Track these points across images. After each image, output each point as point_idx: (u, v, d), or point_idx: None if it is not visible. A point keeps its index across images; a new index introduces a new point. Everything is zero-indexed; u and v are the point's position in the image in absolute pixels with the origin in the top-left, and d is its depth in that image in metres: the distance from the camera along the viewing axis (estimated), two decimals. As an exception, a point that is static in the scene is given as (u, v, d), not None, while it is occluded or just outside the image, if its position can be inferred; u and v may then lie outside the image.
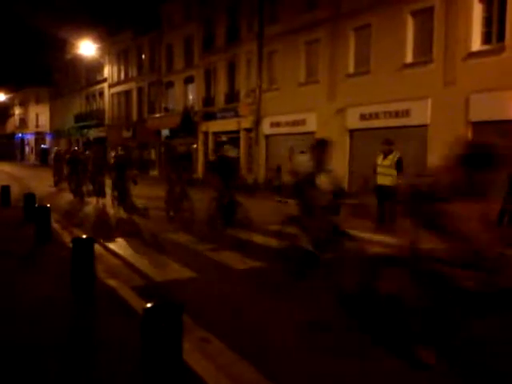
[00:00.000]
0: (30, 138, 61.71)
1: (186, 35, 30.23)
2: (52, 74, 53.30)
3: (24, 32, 50.64)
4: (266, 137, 23.93)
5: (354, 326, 4.56)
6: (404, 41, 16.87)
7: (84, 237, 5.66)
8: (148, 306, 3.27)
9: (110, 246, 8.33)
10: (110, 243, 8.50)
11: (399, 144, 11.36)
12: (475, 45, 14.85)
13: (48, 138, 57.71)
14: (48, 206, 8.52)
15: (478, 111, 14.50)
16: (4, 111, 65.30)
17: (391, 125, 16.87)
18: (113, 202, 12.63)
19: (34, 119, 59.62)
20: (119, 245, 8.49)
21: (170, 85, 32.46)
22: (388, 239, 7.81)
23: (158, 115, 33.32)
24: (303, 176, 6.20)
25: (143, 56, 35.60)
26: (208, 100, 28.64)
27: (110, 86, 40.94)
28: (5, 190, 13.56)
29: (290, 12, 21.77)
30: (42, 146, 57.25)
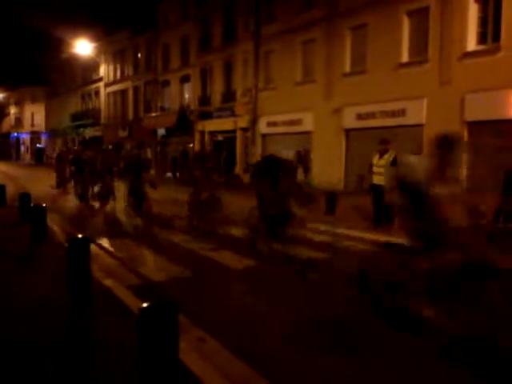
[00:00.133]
0: (25, 138, 61.45)
1: (182, 35, 30.21)
2: (48, 73, 53.08)
3: (20, 31, 50.49)
4: (263, 136, 23.94)
5: (353, 325, 4.58)
6: (400, 40, 16.92)
7: (80, 236, 5.63)
8: (144, 305, 3.26)
9: (106, 245, 8.31)
10: (106, 243, 8.48)
11: (395, 144, 11.38)
12: (470, 45, 14.91)
13: (44, 138, 57.52)
14: (44, 205, 8.49)
15: (473, 111, 14.56)
16: (-1, 110, 65.11)
17: (387, 124, 16.92)
18: (127, 208, 11.11)
19: (30, 118, 59.38)
20: (115, 244, 8.47)
21: (166, 84, 32.43)
22: (384, 238, 7.83)
23: (154, 114, 33.28)
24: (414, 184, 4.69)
25: (139, 55, 35.56)
26: (204, 99, 28.63)
27: (106, 85, 40.86)
28: (0, 189, 13.49)
29: (287, 11, 21.79)
30: (38, 145, 57.06)
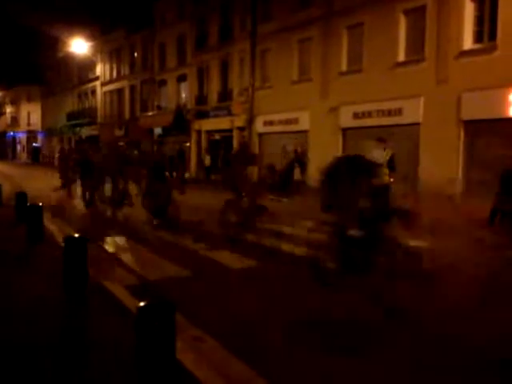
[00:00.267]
0: (21, 137, 61.31)
1: (178, 33, 30.15)
2: (44, 72, 52.96)
3: (15, 30, 50.29)
4: (259, 135, 23.93)
5: (353, 325, 4.58)
6: (396, 39, 16.93)
7: (76, 236, 5.60)
8: (141, 304, 3.25)
9: (103, 244, 8.29)
10: (103, 242, 8.47)
11: (392, 142, 11.39)
12: (467, 43, 14.94)
13: (40, 137, 57.38)
14: (40, 204, 8.45)
15: (469, 110, 14.59)
16: (-5, 109, 64.91)
17: (384, 123, 16.94)
18: (147, 216, 9.95)
19: (26, 117, 59.26)
20: (112, 244, 8.46)
21: (163, 83, 32.37)
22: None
23: (150, 113, 33.22)
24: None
25: (136, 54, 35.47)
26: (201, 98, 28.59)
27: (103, 84, 40.76)
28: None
29: (283, 10, 21.78)
30: (34, 144, 56.95)
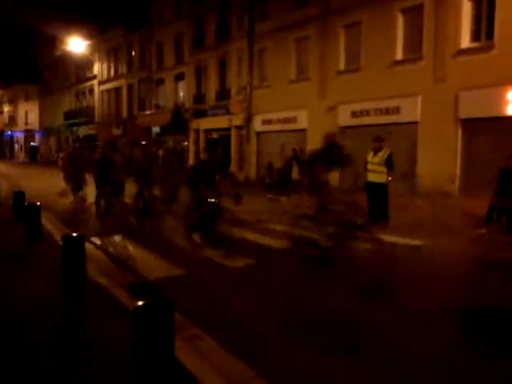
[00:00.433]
0: (19, 136, 61.15)
1: (176, 32, 30.11)
2: (41, 71, 52.86)
3: (12, 29, 50.09)
4: (257, 134, 23.92)
5: (353, 325, 4.59)
6: (394, 38, 16.93)
7: (74, 235, 5.58)
8: (139, 303, 3.25)
9: (101, 244, 8.28)
10: (101, 241, 8.45)
11: (389, 141, 11.41)
12: (464, 42, 14.95)
13: (37, 136, 57.26)
14: (38, 203, 8.43)
15: (467, 108, 14.61)
16: (-7, 109, 64.69)
17: (382, 122, 16.96)
18: (187, 230, 8.34)
19: (24, 117, 59.07)
20: (110, 243, 8.44)
21: (161, 82, 32.33)
22: (379, 236, 7.83)
23: (148, 112, 33.17)
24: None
25: (133, 53, 35.41)
26: (199, 97, 28.56)
27: (100, 83, 40.68)
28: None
29: (281, 9, 21.76)
30: (32, 143, 56.82)
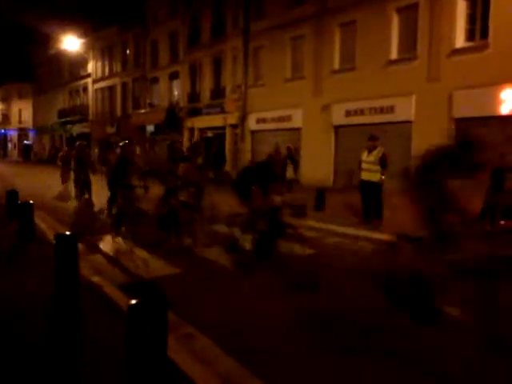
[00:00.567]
0: (12, 134, 60.82)
1: (170, 31, 30.03)
2: (35, 69, 52.58)
3: (6, 27, 49.75)
4: (252, 133, 23.90)
5: (353, 325, 4.58)
6: (389, 37, 16.96)
7: (67, 233, 5.55)
8: (133, 302, 3.22)
9: (95, 242, 8.24)
10: (95, 240, 8.41)
11: (384, 140, 11.43)
12: (459, 42, 14.99)
13: (31, 134, 56.98)
14: (31, 202, 8.37)
15: (461, 107, 14.65)
16: (-14, 107, 64.26)
17: (376, 121, 16.99)
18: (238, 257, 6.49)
19: (17, 115, 58.74)
20: (103, 242, 8.41)
21: (155, 80, 32.24)
22: (373, 235, 7.86)
23: (142, 111, 33.09)
24: None
25: (128, 51, 35.28)
26: (193, 96, 28.51)
27: (94, 82, 40.52)
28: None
29: (276, 8, 21.74)
30: (25, 142, 56.54)
